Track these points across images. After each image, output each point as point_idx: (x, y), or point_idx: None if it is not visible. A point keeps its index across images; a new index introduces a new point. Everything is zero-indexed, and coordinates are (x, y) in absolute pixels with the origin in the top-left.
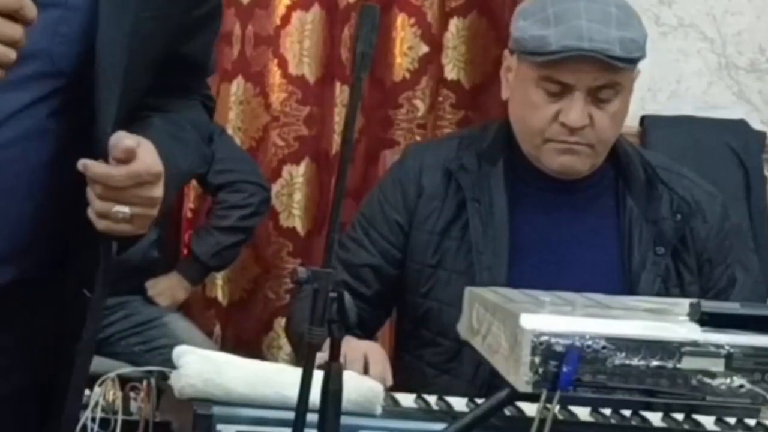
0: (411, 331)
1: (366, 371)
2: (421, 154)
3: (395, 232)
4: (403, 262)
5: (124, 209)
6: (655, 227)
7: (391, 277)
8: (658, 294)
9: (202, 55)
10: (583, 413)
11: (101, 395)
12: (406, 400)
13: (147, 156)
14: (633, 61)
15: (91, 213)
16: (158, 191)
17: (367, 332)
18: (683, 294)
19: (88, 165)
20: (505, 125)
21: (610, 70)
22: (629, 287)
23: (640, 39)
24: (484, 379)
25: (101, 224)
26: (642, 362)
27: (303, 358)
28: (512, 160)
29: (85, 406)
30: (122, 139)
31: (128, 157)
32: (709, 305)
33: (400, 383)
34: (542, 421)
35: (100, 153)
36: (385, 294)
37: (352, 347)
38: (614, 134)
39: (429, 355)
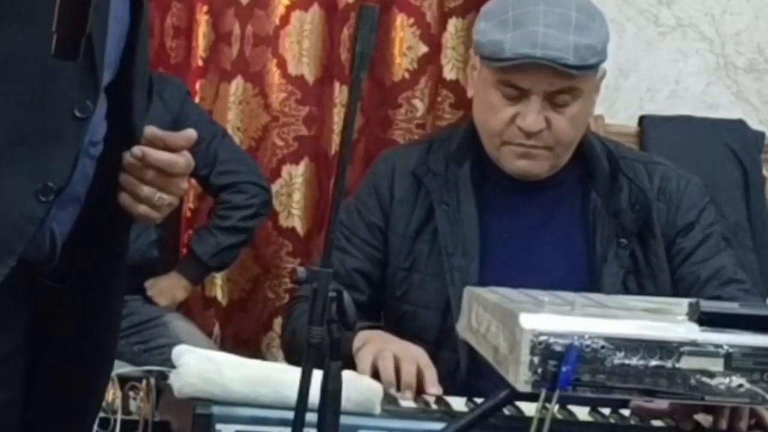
0: (392, 334)
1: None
2: (392, 160)
3: (375, 235)
4: (385, 264)
5: (165, 196)
6: (616, 219)
7: (379, 280)
8: (625, 286)
9: None
10: (582, 413)
11: None
12: (405, 400)
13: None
14: (587, 68)
15: (126, 198)
16: (186, 184)
17: None
18: (655, 283)
19: (147, 152)
20: (473, 126)
21: (565, 75)
22: (594, 283)
23: (598, 44)
24: (461, 380)
25: (140, 209)
26: (641, 362)
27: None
28: (479, 160)
29: None
30: (188, 131)
31: (188, 146)
32: (708, 305)
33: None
34: (541, 421)
35: (131, 145)
36: (377, 298)
37: (406, 356)
38: (575, 136)
39: None
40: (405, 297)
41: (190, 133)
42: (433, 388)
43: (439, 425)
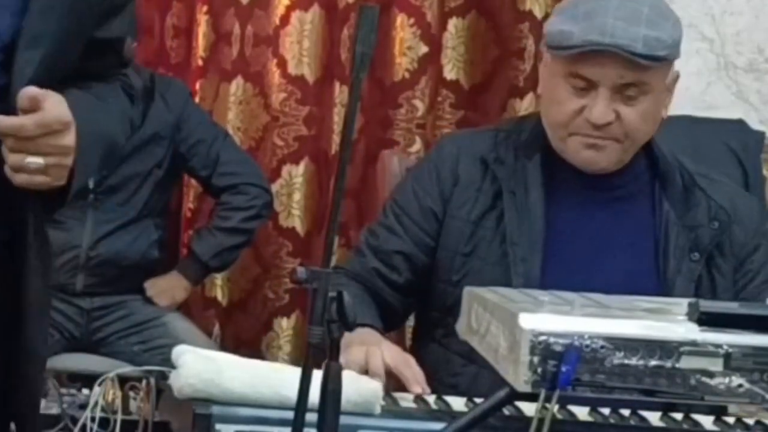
0: (439, 320)
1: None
2: (458, 143)
3: (429, 220)
4: (435, 250)
5: (38, 160)
6: (692, 233)
7: (423, 265)
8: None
9: (117, 41)
10: (581, 413)
11: (101, 395)
12: (405, 399)
13: (55, 106)
14: (656, 59)
15: (7, 169)
16: (69, 140)
17: (397, 320)
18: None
19: None
20: (541, 122)
21: (635, 67)
22: (664, 292)
23: (668, 38)
24: None
25: (18, 178)
26: (641, 362)
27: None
28: (548, 155)
29: (85, 406)
30: (27, 90)
31: (33, 106)
32: (708, 305)
33: (427, 373)
34: (541, 421)
35: (11, 113)
36: (417, 282)
37: (374, 359)
38: (646, 132)
39: (456, 344)
40: (462, 282)
41: (30, 92)
42: (416, 386)
43: (439, 425)
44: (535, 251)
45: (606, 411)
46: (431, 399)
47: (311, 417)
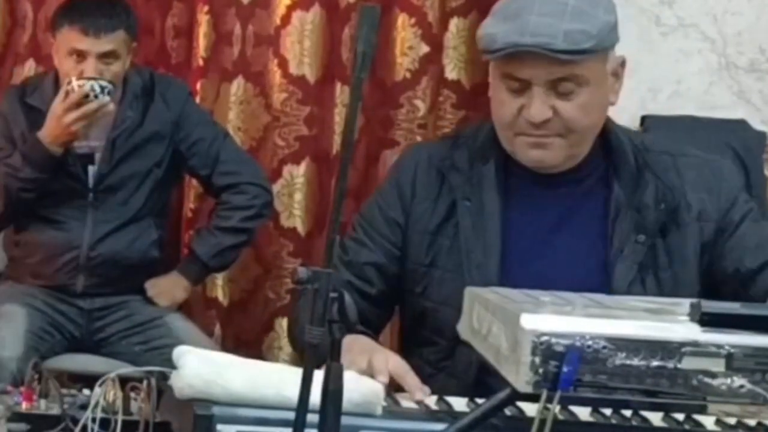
0: (412, 329)
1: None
2: (417, 155)
3: (395, 231)
4: (403, 260)
5: None
6: (639, 215)
7: (393, 275)
8: (642, 280)
9: None
10: (583, 413)
11: (101, 395)
12: (407, 400)
13: None
14: (580, 53)
15: None
16: None
17: (372, 332)
18: (675, 278)
19: None
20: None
21: (561, 63)
22: (605, 274)
23: (593, 29)
24: (476, 378)
25: None
26: (642, 362)
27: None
28: (505, 157)
29: (85, 407)
30: None
31: None
32: (710, 305)
33: None
34: (542, 422)
35: None
36: (389, 292)
37: (378, 360)
38: (590, 124)
39: (427, 354)
40: (424, 294)
41: None
42: (418, 392)
43: (440, 426)
44: (490, 257)
45: (608, 411)
46: (432, 399)
47: (312, 417)
